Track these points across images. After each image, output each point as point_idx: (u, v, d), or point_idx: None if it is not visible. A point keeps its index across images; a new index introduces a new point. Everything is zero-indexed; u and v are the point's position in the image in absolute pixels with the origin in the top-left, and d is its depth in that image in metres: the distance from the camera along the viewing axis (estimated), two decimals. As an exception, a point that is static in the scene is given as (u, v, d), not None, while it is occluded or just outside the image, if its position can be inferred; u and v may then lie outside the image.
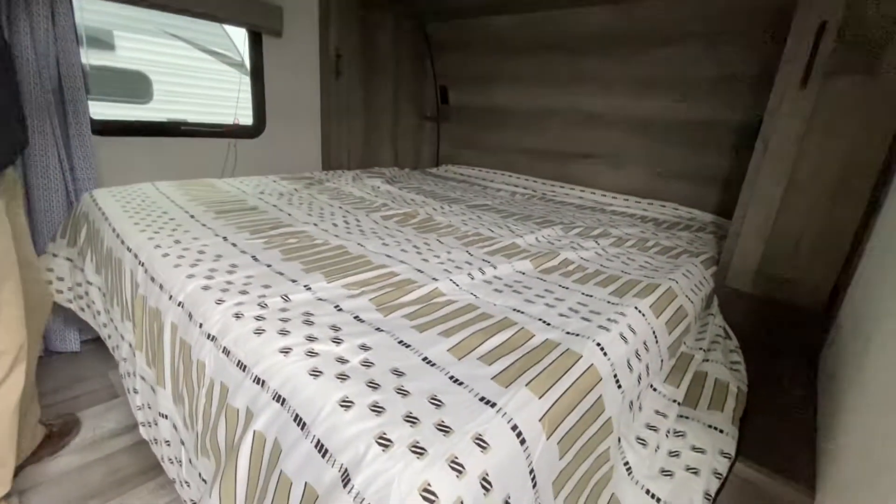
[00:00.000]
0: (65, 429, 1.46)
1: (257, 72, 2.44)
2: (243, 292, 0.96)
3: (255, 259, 1.16)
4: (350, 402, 0.64)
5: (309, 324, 0.85)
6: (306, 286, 1.01)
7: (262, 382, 0.72)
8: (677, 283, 1.24)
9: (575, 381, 0.77)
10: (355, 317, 0.90)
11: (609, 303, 1.08)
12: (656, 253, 1.54)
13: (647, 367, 0.98)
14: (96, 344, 1.89)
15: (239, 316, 0.86)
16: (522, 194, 2.51)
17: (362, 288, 1.04)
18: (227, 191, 1.89)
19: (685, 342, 1.21)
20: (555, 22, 2.41)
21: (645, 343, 0.99)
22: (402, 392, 0.68)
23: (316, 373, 0.71)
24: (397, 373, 0.73)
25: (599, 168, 2.54)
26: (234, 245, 1.25)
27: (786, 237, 1.35)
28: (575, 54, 2.44)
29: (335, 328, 0.84)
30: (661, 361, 1.07)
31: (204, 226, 1.39)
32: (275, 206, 1.72)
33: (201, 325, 0.88)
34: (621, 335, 0.93)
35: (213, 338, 0.85)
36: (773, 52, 1.36)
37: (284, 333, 0.81)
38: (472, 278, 1.16)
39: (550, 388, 0.73)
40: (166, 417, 0.97)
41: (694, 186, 2.21)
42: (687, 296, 1.24)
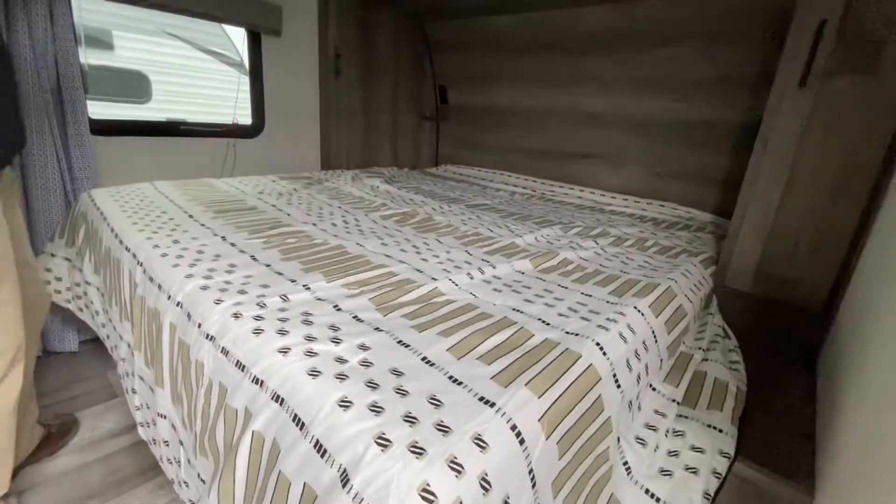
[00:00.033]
0: (63, 429, 1.45)
1: (256, 71, 2.44)
2: (242, 292, 0.95)
3: (253, 259, 1.16)
4: (349, 401, 0.64)
5: (308, 323, 0.85)
6: (305, 286, 1.01)
7: (261, 382, 0.72)
8: (676, 282, 1.24)
9: (574, 381, 0.77)
10: (354, 316, 0.90)
11: (608, 302, 1.08)
12: (655, 252, 1.54)
13: (647, 366, 0.98)
14: (95, 344, 1.88)
15: (238, 316, 0.86)
16: (522, 194, 2.51)
17: (361, 288, 1.04)
18: (226, 190, 1.89)
19: (684, 342, 1.21)
20: (554, 22, 2.41)
21: (644, 343, 0.99)
22: (402, 392, 0.68)
23: (315, 373, 0.70)
24: (396, 373, 0.73)
25: (599, 168, 2.54)
26: (232, 245, 1.24)
27: (785, 237, 1.35)
28: (575, 54, 2.44)
29: (334, 328, 0.84)
30: (661, 361, 1.07)
31: (203, 225, 1.39)
32: (274, 206, 1.72)
33: (200, 325, 0.88)
34: (620, 335, 0.93)
35: (211, 338, 0.85)
36: (772, 51, 1.36)
37: (283, 333, 0.81)
38: (471, 278, 1.16)
39: (550, 387, 0.73)
40: (165, 417, 0.97)
41: (693, 186, 2.21)
42: (686, 295, 1.24)
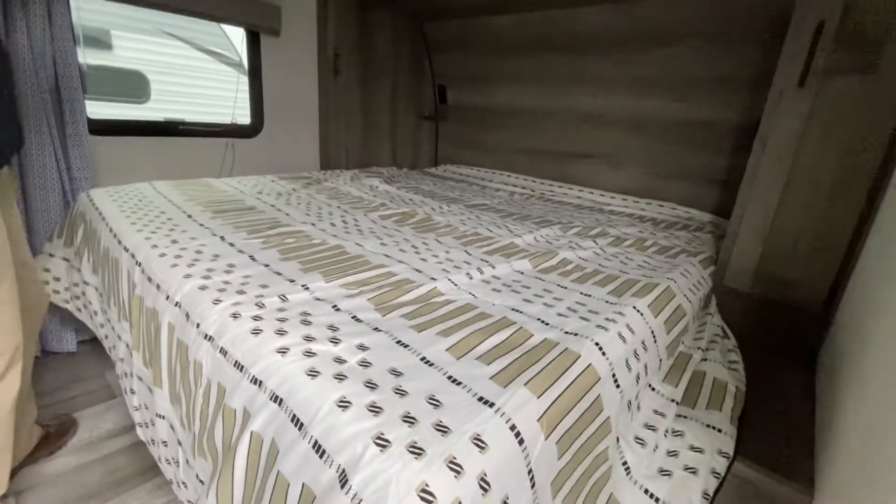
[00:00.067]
0: (62, 429, 1.45)
1: (255, 71, 2.44)
2: (241, 292, 0.95)
3: (252, 259, 1.16)
4: (348, 402, 0.64)
5: (307, 324, 0.85)
6: (304, 286, 1.01)
7: (260, 383, 0.72)
8: (675, 282, 1.24)
9: (573, 381, 0.77)
10: (353, 317, 0.90)
11: (607, 302, 1.08)
12: (654, 252, 1.54)
13: (646, 366, 0.98)
14: (93, 344, 1.88)
15: (236, 316, 0.86)
16: (521, 194, 2.51)
17: (360, 288, 1.04)
18: (225, 190, 1.89)
19: (683, 341, 1.21)
20: (554, 22, 2.41)
21: (643, 342, 0.99)
22: (400, 392, 0.68)
23: (313, 373, 0.70)
24: (395, 373, 0.72)
25: (598, 168, 2.54)
26: (231, 245, 1.24)
27: (784, 237, 1.35)
28: (574, 54, 2.44)
29: (333, 328, 0.84)
30: (660, 361, 1.07)
31: (201, 225, 1.39)
32: (272, 206, 1.71)
33: (198, 326, 0.88)
34: (619, 335, 0.93)
35: (210, 338, 0.84)
36: (771, 51, 1.36)
37: (282, 333, 0.80)
38: (470, 278, 1.16)
39: (549, 387, 0.73)
40: (163, 418, 0.96)
41: (692, 186, 2.21)
42: (685, 295, 1.24)
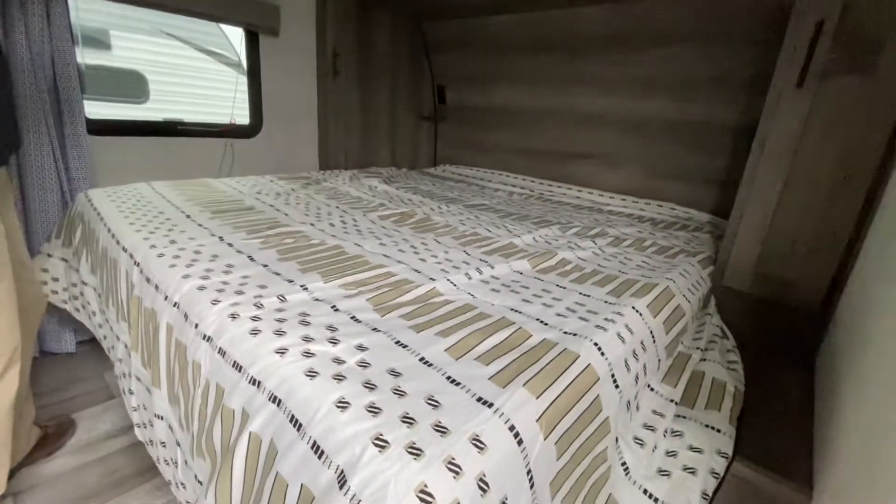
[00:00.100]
0: (60, 430, 1.45)
1: (254, 71, 2.43)
2: (239, 293, 0.95)
3: (251, 259, 1.15)
4: (346, 402, 0.64)
5: (305, 324, 0.85)
6: (303, 286, 1.01)
7: (258, 383, 0.72)
8: (674, 282, 1.24)
9: (572, 381, 0.77)
10: (352, 317, 0.90)
11: (606, 302, 1.08)
12: (653, 253, 1.54)
13: (645, 366, 0.98)
14: (92, 345, 1.88)
15: (235, 316, 0.86)
16: (520, 194, 2.51)
17: (359, 288, 1.04)
18: (224, 191, 1.89)
19: (682, 342, 1.21)
20: (553, 22, 2.41)
21: (642, 343, 0.99)
22: (399, 393, 0.67)
23: (312, 373, 0.70)
24: (394, 373, 0.72)
25: (597, 168, 2.54)
26: (230, 245, 1.24)
27: (783, 237, 1.36)
28: (573, 54, 2.45)
29: (332, 328, 0.84)
30: (659, 361, 1.07)
31: (200, 226, 1.38)
32: (271, 206, 1.71)
33: (197, 326, 0.88)
34: (618, 335, 0.93)
35: (208, 338, 0.84)
36: (770, 52, 1.36)
37: (280, 334, 0.80)
38: (469, 278, 1.16)
39: (548, 388, 0.73)
40: (162, 418, 0.96)
41: (691, 186, 2.21)
42: (684, 295, 1.24)
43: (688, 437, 0.98)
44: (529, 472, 0.64)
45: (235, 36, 2.58)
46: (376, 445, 0.57)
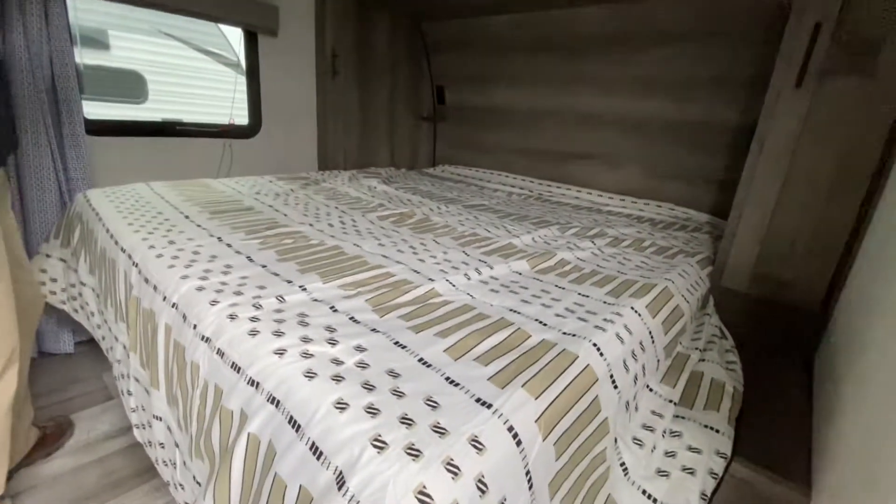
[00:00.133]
0: (58, 431, 1.44)
1: (253, 71, 2.43)
2: (238, 293, 0.95)
3: (250, 260, 1.15)
4: (345, 403, 0.64)
5: (304, 325, 0.85)
6: (301, 287, 1.01)
7: (257, 384, 0.72)
8: (673, 283, 1.24)
9: (571, 382, 0.77)
10: (351, 318, 0.90)
11: (605, 303, 1.08)
12: (652, 253, 1.54)
13: (644, 367, 0.98)
14: (90, 345, 1.87)
15: (233, 317, 0.86)
16: (519, 194, 2.51)
17: (358, 289, 1.04)
18: (223, 191, 1.89)
19: (681, 342, 1.21)
20: (553, 22, 2.41)
21: (641, 343, 0.99)
22: (398, 393, 0.67)
23: (311, 374, 0.70)
24: (393, 374, 0.72)
25: (596, 168, 2.55)
26: (228, 246, 1.24)
27: (781, 237, 1.36)
28: (573, 54, 2.45)
29: (330, 329, 0.84)
30: (658, 361, 1.07)
31: (199, 226, 1.38)
32: (270, 207, 1.71)
33: (195, 327, 0.87)
34: (617, 335, 0.93)
35: (207, 339, 0.84)
36: (769, 52, 1.36)
37: (279, 335, 0.80)
38: (468, 279, 1.16)
39: (547, 388, 0.73)
40: (160, 419, 0.96)
41: (690, 186, 2.21)
42: (683, 296, 1.24)
43: (686, 438, 0.98)
44: (528, 472, 0.64)
45: (234, 36, 2.58)
46: (375, 446, 0.57)
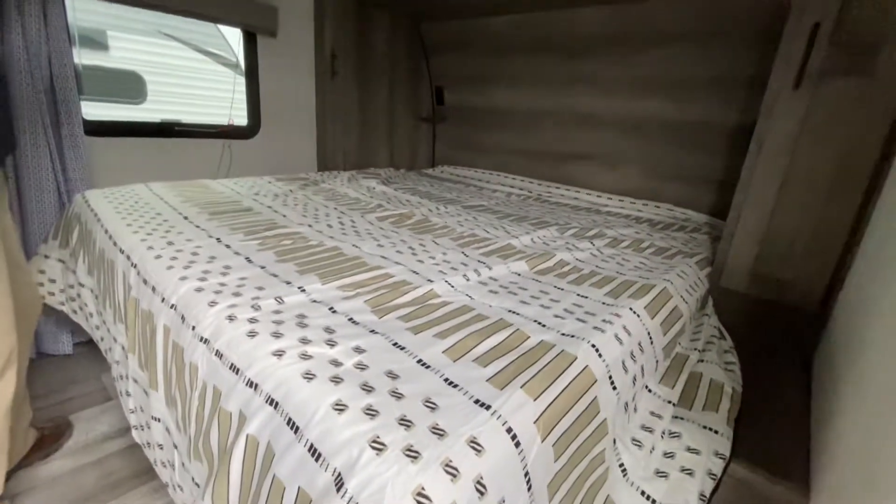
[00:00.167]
0: (57, 432, 1.44)
1: (252, 72, 2.43)
2: (237, 294, 0.95)
3: (248, 261, 1.15)
4: (344, 405, 0.64)
5: (303, 326, 0.85)
6: (300, 288, 1.01)
7: (255, 386, 0.72)
8: (672, 283, 1.24)
9: (570, 383, 0.77)
10: (350, 319, 0.90)
11: (604, 304, 1.08)
12: (651, 254, 1.54)
13: (642, 368, 0.98)
14: (89, 346, 1.87)
15: (232, 318, 0.86)
16: (518, 195, 2.51)
17: (357, 290, 1.04)
18: (222, 192, 1.88)
19: (680, 343, 1.22)
20: (552, 23, 2.42)
21: (640, 344, 0.99)
22: (397, 395, 0.67)
23: (309, 376, 0.70)
24: (392, 375, 0.72)
25: (595, 169, 2.55)
26: (227, 247, 1.24)
27: (780, 238, 1.36)
28: (572, 55, 2.45)
29: (329, 330, 0.84)
30: (656, 362, 1.07)
31: (197, 227, 1.38)
32: (269, 208, 1.71)
33: (194, 328, 0.87)
34: (616, 336, 0.93)
35: (205, 340, 0.84)
36: (767, 53, 1.36)
37: (278, 336, 0.80)
38: (467, 279, 1.16)
39: (545, 389, 0.73)
40: (159, 421, 0.96)
41: (689, 187, 2.21)
42: (682, 296, 1.24)
43: (685, 439, 0.98)
44: (527, 474, 0.64)
45: (233, 36, 2.58)
46: (374, 448, 0.57)
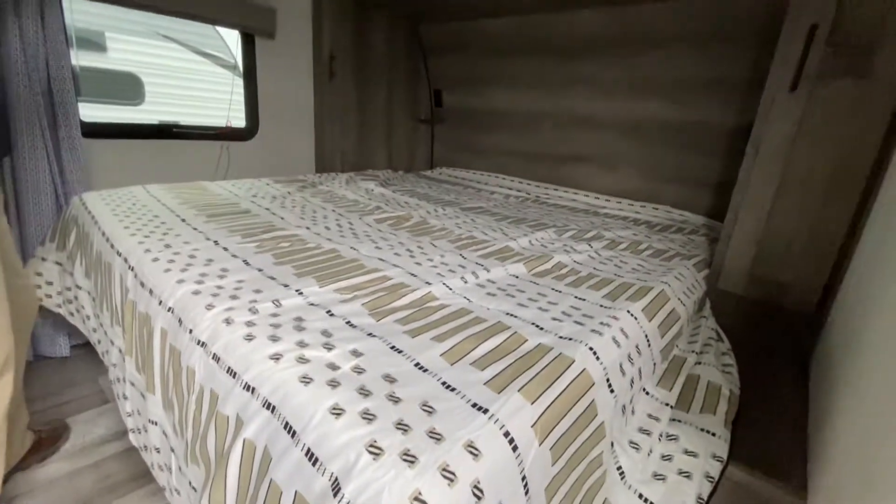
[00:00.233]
0: (54, 435, 1.44)
1: (250, 74, 2.43)
2: (234, 297, 0.95)
3: (246, 263, 1.15)
4: (341, 409, 0.64)
5: (300, 329, 0.84)
6: (298, 291, 1.00)
7: (252, 389, 0.72)
8: (670, 286, 1.25)
9: (567, 386, 0.77)
10: (347, 322, 0.90)
11: (602, 306, 1.08)
12: (649, 256, 1.54)
13: (640, 370, 0.99)
14: (86, 349, 1.86)
15: (229, 321, 0.85)
16: (516, 197, 2.51)
17: (355, 292, 1.04)
18: (219, 194, 1.88)
19: (677, 345, 1.22)
20: (550, 25, 2.42)
21: (637, 347, 0.99)
22: (394, 399, 0.67)
23: (307, 379, 0.70)
24: (389, 379, 0.72)
25: (593, 170, 2.55)
26: (225, 249, 1.24)
27: (777, 239, 1.36)
28: (570, 57, 2.45)
29: (326, 333, 0.84)
30: (654, 365, 1.07)
31: (195, 229, 1.38)
32: (267, 210, 1.71)
33: (191, 331, 0.87)
34: (614, 339, 0.93)
35: (202, 344, 0.84)
36: (764, 55, 1.37)
37: (275, 339, 0.80)
38: (465, 282, 1.16)
39: (543, 393, 0.73)
40: (156, 424, 0.96)
41: (687, 189, 2.22)
42: (679, 299, 1.24)
43: (683, 441, 0.99)
44: (524, 478, 0.64)
45: (232, 38, 2.57)
46: (371, 452, 0.57)
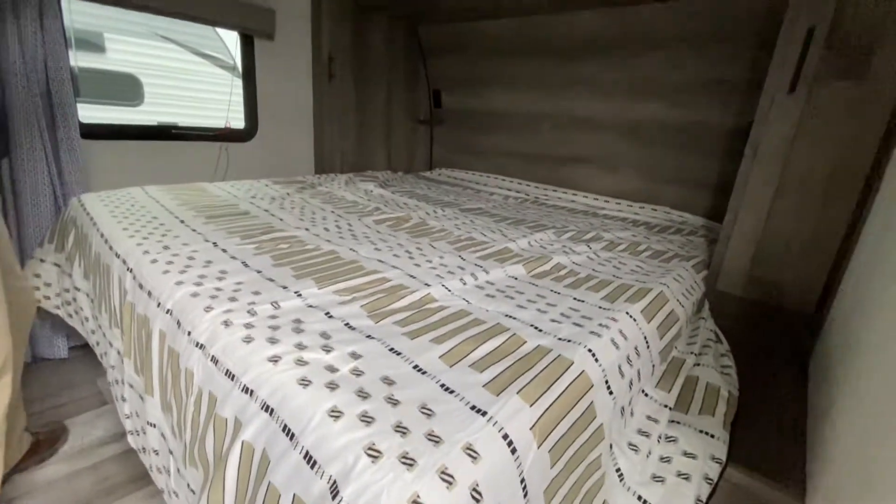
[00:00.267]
0: (52, 437, 1.43)
1: (249, 75, 2.43)
2: (232, 299, 0.95)
3: (245, 265, 1.15)
4: (339, 412, 0.64)
5: (299, 331, 0.84)
6: (297, 293, 1.00)
7: (251, 392, 0.72)
8: (668, 287, 1.25)
9: (566, 388, 0.77)
10: (346, 324, 0.90)
11: (600, 308, 1.08)
12: (648, 257, 1.54)
13: (639, 372, 0.99)
14: (85, 350, 1.86)
15: (228, 324, 0.85)
16: (515, 198, 2.51)
17: (353, 294, 1.04)
18: (218, 195, 1.88)
19: (676, 347, 1.22)
20: (549, 26, 2.42)
21: (636, 348, 0.99)
22: (393, 401, 0.67)
23: (305, 382, 0.70)
24: (388, 381, 0.72)
25: (592, 171, 2.55)
26: (224, 251, 1.23)
27: (776, 240, 1.36)
28: (569, 58, 2.46)
29: (325, 336, 0.84)
30: (653, 366, 1.07)
31: (194, 231, 1.38)
32: (266, 211, 1.71)
33: (189, 333, 0.87)
34: (612, 341, 0.93)
35: (201, 346, 0.84)
36: (763, 57, 1.37)
37: (274, 342, 0.80)
38: (464, 283, 1.16)
39: (542, 395, 0.73)
40: (154, 426, 0.96)
41: (686, 190, 2.22)
42: (678, 300, 1.24)
43: (682, 443, 0.99)
44: (523, 480, 0.64)
45: (231, 39, 2.57)
46: (369, 455, 0.57)
